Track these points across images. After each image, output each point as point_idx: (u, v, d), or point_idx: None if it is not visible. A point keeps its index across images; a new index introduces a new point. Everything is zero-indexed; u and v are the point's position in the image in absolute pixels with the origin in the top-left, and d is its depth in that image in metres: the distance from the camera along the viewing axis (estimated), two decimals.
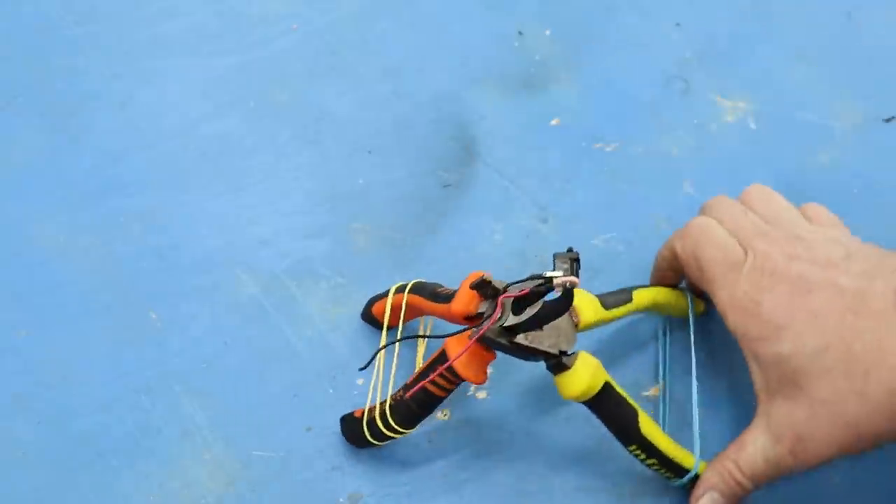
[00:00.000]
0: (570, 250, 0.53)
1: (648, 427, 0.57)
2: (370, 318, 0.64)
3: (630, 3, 0.79)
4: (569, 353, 0.55)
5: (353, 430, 0.60)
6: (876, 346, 0.52)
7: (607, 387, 0.56)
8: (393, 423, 0.58)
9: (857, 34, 0.78)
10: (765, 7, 0.79)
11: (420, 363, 0.61)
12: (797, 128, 0.74)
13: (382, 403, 0.58)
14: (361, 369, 0.60)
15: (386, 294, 0.62)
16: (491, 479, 0.61)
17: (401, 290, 0.61)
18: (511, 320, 0.54)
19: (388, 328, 0.62)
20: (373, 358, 0.60)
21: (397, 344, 0.62)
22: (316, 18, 0.77)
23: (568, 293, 0.52)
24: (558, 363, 0.55)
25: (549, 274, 0.52)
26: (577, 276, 0.52)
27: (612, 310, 0.60)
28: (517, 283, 0.54)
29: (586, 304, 0.58)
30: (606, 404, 0.57)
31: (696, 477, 0.58)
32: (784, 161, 0.72)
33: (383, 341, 0.61)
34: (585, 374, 0.55)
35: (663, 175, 0.71)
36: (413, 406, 0.57)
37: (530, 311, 0.53)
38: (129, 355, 0.63)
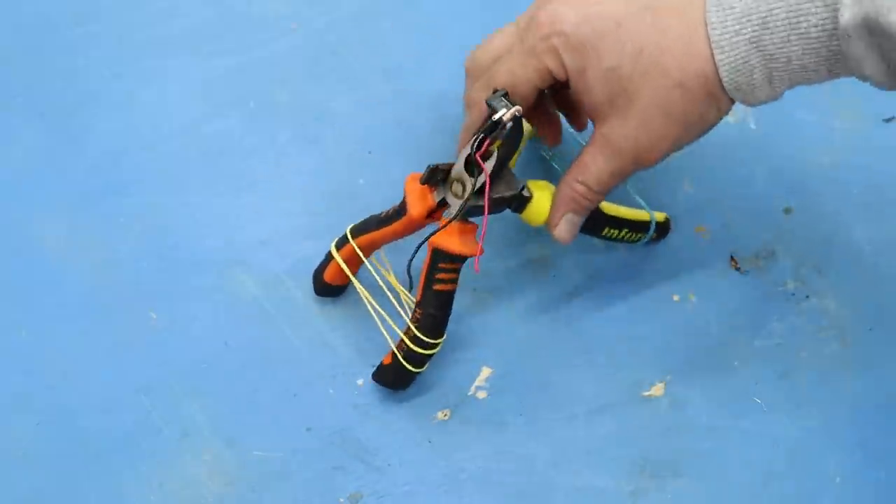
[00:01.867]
0: (495, 91, 0.57)
1: (609, 208, 0.64)
2: (324, 288, 0.65)
3: None
4: (522, 186, 0.60)
5: (394, 373, 0.61)
6: (682, 37, 0.54)
7: None
8: (427, 340, 0.60)
9: None
10: None
11: (401, 290, 0.62)
12: (797, 128, 0.74)
13: (407, 331, 0.60)
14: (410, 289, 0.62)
15: (328, 258, 0.63)
16: (491, 479, 0.61)
17: (342, 242, 0.63)
18: (482, 179, 0.57)
19: (349, 282, 0.63)
20: (409, 269, 0.61)
21: (369, 292, 0.63)
22: (316, 18, 0.77)
23: (518, 122, 0.57)
24: (522, 199, 0.60)
25: (496, 117, 0.56)
26: (514, 104, 0.56)
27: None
28: (470, 145, 0.57)
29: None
30: None
31: (657, 224, 0.66)
32: (784, 161, 0.72)
33: (360, 288, 0.63)
34: (546, 194, 0.61)
35: (663, 174, 0.71)
36: (436, 313, 0.60)
37: (490, 164, 0.57)
38: (129, 355, 0.63)
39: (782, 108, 0.75)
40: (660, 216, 0.67)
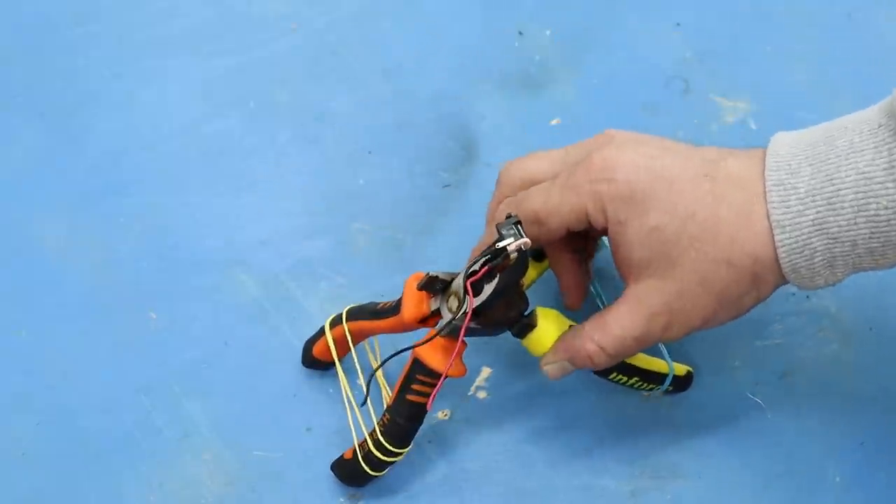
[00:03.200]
0: (508, 217, 0.54)
1: None
2: (312, 362, 0.62)
3: (630, 3, 0.79)
4: (526, 313, 0.57)
5: (351, 471, 0.59)
6: (740, 210, 0.52)
7: None
8: (390, 447, 0.57)
9: (857, 34, 0.78)
10: (765, 7, 0.79)
11: (384, 385, 0.60)
12: (797, 128, 0.74)
13: (371, 434, 0.58)
14: (362, 406, 0.60)
15: (321, 333, 0.61)
16: (491, 479, 0.61)
17: (336, 321, 0.60)
18: (476, 302, 0.54)
19: (336, 360, 0.61)
20: (368, 385, 0.58)
21: (359, 375, 0.61)
22: (316, 18, 0.77)
23: (523, 255, 0.53)
24: (523, 325, 0.57)
25: (501, 244, 0.53)
26: (524, 236, 0.53)
27: (544, 260, 0.61)
28: (471, 265, 0.54)
29: None
30: None
31: (675, 378, 0.61)
32: None
33: (341, 375, 0.61)
34: (551, 327, 0.57)
35: None
36: (404, 423, 0.57)
37: (489, 288, 0.54)
38: (129, 355, 0.63)
39: (782, 108, 0.75)
40: (680, 369, 0.61)
